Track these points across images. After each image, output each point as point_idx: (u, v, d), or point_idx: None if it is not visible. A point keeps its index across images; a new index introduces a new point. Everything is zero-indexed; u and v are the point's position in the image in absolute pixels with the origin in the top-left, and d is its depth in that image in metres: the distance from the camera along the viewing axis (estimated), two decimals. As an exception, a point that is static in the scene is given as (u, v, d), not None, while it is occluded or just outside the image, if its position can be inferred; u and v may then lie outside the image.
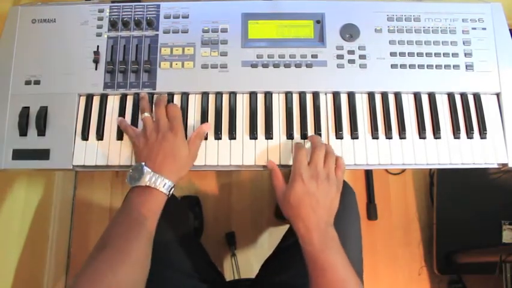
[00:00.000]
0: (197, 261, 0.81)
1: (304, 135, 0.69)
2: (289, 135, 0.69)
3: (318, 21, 0.74)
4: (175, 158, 0.62)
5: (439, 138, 0.70)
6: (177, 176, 0.63)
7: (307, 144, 0.68)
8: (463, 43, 0.73)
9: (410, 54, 0.72)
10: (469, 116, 0.71)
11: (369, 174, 1.42)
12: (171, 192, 0.62)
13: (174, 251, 0.76)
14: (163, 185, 0.60)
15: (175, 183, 0.62)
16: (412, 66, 0.72)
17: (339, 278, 0.57)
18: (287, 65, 0.72)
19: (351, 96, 0.71)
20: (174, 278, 0.74)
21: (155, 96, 0.71)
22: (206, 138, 0.69)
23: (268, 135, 0.69)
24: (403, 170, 1.44)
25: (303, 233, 0.59)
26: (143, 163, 0.61)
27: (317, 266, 0.58)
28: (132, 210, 0.59)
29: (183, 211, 0.88)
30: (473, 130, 0.70)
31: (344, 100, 0.71)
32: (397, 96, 0.72)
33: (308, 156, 0.64)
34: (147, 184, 0.60)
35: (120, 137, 0.69)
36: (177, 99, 0.71)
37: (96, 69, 0.72)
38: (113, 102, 0.71)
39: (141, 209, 0.59)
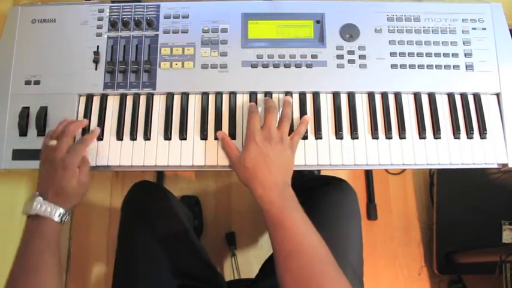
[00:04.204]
0: (196, 262, 0.81)
1: (304, 136, 0.69)
2: (289, 135, 0.69)
3: (318, 21, 0.74)
4: (63, 190, 0.61)
5: (439, 138, 0.70)
6: (69, 204, 0.62)
7: (260, 108, 0.69)
8: (463, 43, 0.73)
9: (410, 55, 0.72)
10: (469, 116, 0.71)
11: (369, 174, 1.42)
12: (64, 220, 0.61)
13: (173, 252, 0.76)
14: (53, 212, 0.60)
15: (68, 210, 0.62)
16: (412, 66, 0.72)
17: (299, 233, 0.57)
18: (287, 65, 0.72)
19: (351, 96, 0.71)
20: (172, 279, 0.74)
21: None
22: (206, 138, 0.69)
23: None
24: (403, 170, 1.44)
25: (261, 193, 0.60)
26: (37, 192, 0.62)
27: (277, 225, 0.58)
28: (28, 242, 0.59)
29: (182, 211, 0.88)
30: (473, 130, 0.70)
31: (344, 100, 0.71)
32: (397, 96, 0.72)
33: (262, 120, 0.66)
34: (37, 213, 0.59)
35: (120, 137, 0.69)
36: (177, 99, 0.71)
37: (96, 69, 0.72)
38: (113, 103, 0.71)
39: (36, 240, 0.59)
